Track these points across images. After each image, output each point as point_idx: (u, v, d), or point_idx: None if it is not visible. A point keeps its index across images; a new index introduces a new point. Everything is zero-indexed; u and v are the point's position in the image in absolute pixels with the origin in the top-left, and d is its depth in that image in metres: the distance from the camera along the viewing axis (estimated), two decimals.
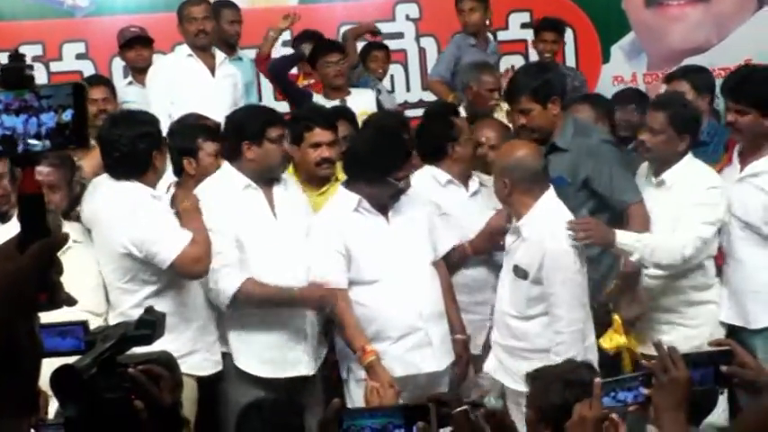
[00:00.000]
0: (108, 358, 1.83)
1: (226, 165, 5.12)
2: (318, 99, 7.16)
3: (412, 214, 5.21)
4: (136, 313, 2.19)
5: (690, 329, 5.22)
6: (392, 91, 8.11)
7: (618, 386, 2.95)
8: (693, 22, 9.19)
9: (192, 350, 4.89)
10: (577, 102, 6.29)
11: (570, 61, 8.85)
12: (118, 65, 8.36)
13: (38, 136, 1.53)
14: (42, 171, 4.69)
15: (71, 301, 1.60)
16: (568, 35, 8.84)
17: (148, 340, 1.93)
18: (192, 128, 5.50)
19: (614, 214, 5.29)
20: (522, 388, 4.82)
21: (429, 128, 5.77)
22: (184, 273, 4.79)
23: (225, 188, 5.03)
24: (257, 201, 5.08)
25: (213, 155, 5.28)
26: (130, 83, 7.58)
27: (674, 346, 3.00)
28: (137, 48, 7.63)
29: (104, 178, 4.93)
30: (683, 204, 5.18)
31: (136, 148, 4.76)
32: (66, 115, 1.53)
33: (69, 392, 1.76)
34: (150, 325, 1.95)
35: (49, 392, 1.78)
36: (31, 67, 1.57)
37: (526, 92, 5.38)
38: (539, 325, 4.94)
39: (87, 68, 8.58)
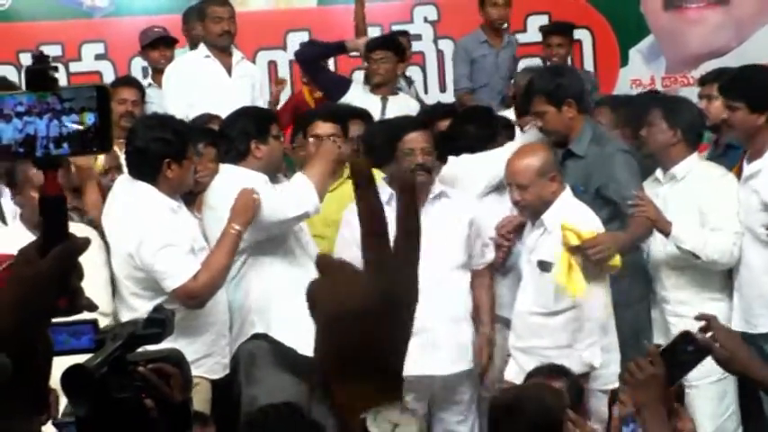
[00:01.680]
0: (118, 357, 1.83)
1: (229, 166, 5.10)
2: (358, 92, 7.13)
3: (447, 216, 5.21)
4: None
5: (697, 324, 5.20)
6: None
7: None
8: (712, 26, 9.16)
9: (208, 353, 4.90)
10: (599, 105, 6.28)
11: (588, 64, 8.84)
12: (137, 66, 8.39)
13: (59, 139, 1.52)
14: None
15: (92, 307, 1.59)
16: (587, 38, 8.84)
17: (158, 339, 1.93)
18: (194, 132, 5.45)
19: (625, 223, 5.28)
20: None
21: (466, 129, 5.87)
22: (180, 303, 4.72)
23: (253, 184, 4.98)
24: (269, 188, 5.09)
25: (214, 160, 5.26)
26: (150, 84, 7.56)
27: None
28: (161, 48, 7.65)
29: (125, 177, 4.94)
30: (695, 196, 5.24)
31: (148, 148, 4.74)
32: (90, 118, 1.52)
33: (80, 392, 1.76)
34: (159, 323, 1.94)
35: (60, 391, 1.78)
36: (56, 69, 1.55)
37: (540, 94, 5.44)
38: (563, 320, 4.95)
39: (106, 69, 8.62)
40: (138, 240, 4.69)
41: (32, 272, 1.52)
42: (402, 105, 6.84)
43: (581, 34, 8.66)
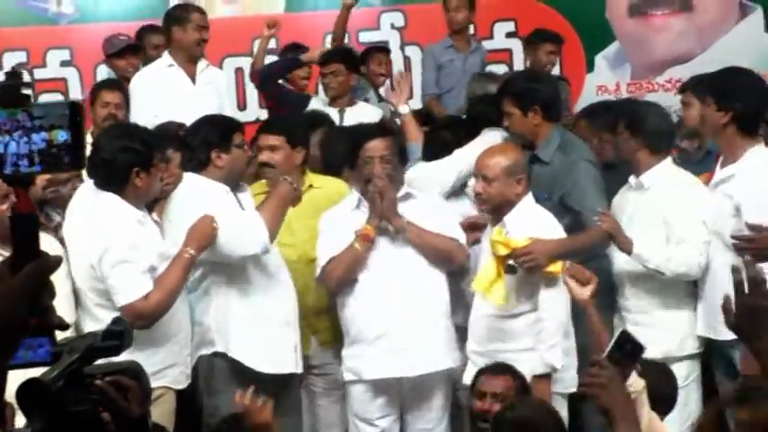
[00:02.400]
0: (75, 370, 1.82)
1: (191, 175, 5.10)
2: (317, 106, 7.19)
3: (415, 214, 5.23)
4: None
5: (661, 332, 5.24)
6: (381, 99, 8.09)
7: None
8: (677, 32, 9.21)
9: (172, 363, 4.88)
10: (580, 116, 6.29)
11: (554, 70, 8.86)
12: (103, 73, 8.33)
13: (30, 156, 1.52)
14: None
15: (63, 326, 1.59)
16: None
17: (116, 351, 1.92)
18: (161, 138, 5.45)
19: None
20: None
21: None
22: (128, 322, 4.69)
23: (209, 195, 5.01)
24: (235, 205, 5.10)
25: (179, 166, 5.24)
26: None
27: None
28: (127, 56, 7.58)
29: (89, 186, 4.91)
30: (662, 206, 5.24)
31: (115, 159, 4.70)
32: (61, 136, 1.52)
33: (36, 406, 1.75)
34: (118, 336, 1.93)
35: (16, 406, 1.78)
36: (29, 85, 1.56)
37: (509, 95, 5.54)
38: (523, 323, 4.98)
39: (72, 76, 8.57)
40: (101, 251, 4.67)
41: (3, 289, 1.51)
42: (360, 115, 6.84)
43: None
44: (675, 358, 5.17)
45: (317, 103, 7.34)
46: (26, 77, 1.62)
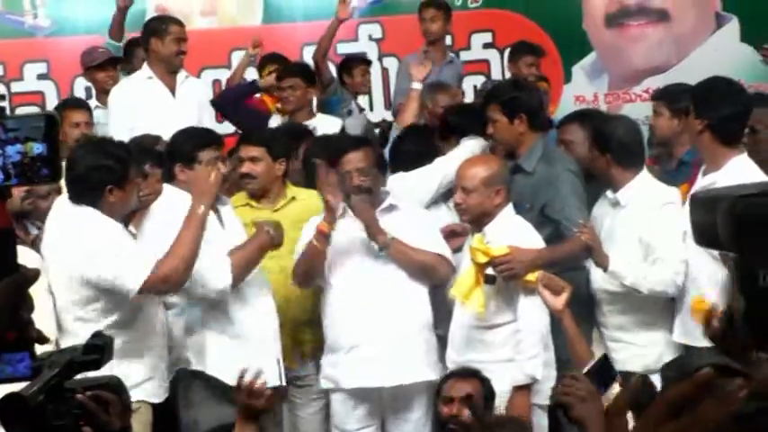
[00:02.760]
0: (55, 385, 1.81)
1: (169, 187, 5.09)
2: (277, 122, 7.22)
3: (398, 228, 5.21)
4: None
5: (640, 348, 5.24)
6: (363, 109, 8.09)
7: None
8: (654, 42, 9.26)
9: (149, 377, 4.85)
10: (567, 122, 6.26)
11: None
12: (80, 86, 8.33)
13: (4, 169, 1.51)
14: None
15: (42, 340, 1.58)
16: None
17: (96, 365, 1.91)
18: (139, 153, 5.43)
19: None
20: None
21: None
22: (156, 294, 4.76)
23: (177, 208, 4.95)
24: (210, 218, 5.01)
25: (159, 180, 5.19)
26: (97, 106, 7.45)
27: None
28: (107, 69, 7.57)
29: (64, 200, 4.89)
30: (638, 224, 5.22)
31: (89, 177, 4.66)
32: (37, 148, 1.50)
33: (16, 420, 1.73)
34: (98, 350, 1.92)
35: None
36: (2, 98, 1.60)
37: (495, 101, 5.55)
38: (503, 334, 4.98)
39: (49, 89, 8.55)
40: (88, 256, 4.62)
41: None
42: (319, 128, 6.83)
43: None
44: (655, 370, 5.17)
45: (277, 119, 7.37)
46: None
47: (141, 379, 4.75)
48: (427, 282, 5.27)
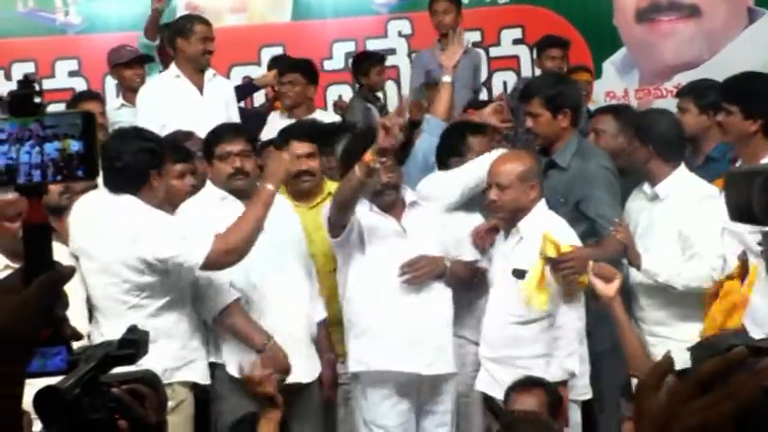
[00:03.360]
0: (91, 378, 1.80)
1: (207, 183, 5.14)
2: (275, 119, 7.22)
3: (423, 223, 5.23)
4: (147, 324, 2.16)
5: (678, 343, 5.18)
6: (384, 107, 8.06)
7: None
8: (685, 38, 9.22)
9: (197, 358, 4.91)
10: (601, 112, 6.24)
11: None
12: (111, 82, 8.35)
13: (42, 166, 1.51)
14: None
15: (77, 337, 1.57)
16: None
17: (132, 359, 1.90)
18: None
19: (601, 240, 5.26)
20: None
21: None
22: (219, 268, 4.77)
23: (202, 201, 5.05)
24: (239, 211, 4.99)
25: (179, 176, 5.21)
26: (123, 105, 7.49)
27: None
28: (134, 67, 7.59)
29: (95, 195, 4.90)
30: (677, 218, 5.19)
31: (133, 163, 4.71)
32: (74, 146, 1.51)
33: (53, 414, 1.73)
34: (133, 344, 1.92)
35: (33, 414, 1.75)
36: (40, 94, 1.54)
37: (539, 96, 5.48)
38: (539, 329, 4.95)
39: (80, 86, 8.58)
40: (144, 238, 4.64)
41: (16, 301, 1.49)
42: None
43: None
44: None
45: (275, 116, 7.36)
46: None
47: (191, 359, 4.84)
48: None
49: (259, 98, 8.46)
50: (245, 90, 7.82)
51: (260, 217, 4.75)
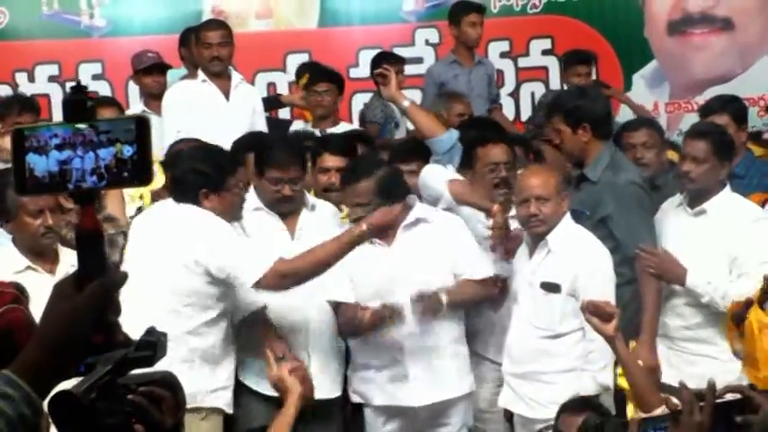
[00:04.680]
0: (108, 381, 1.77)
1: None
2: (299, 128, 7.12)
3: (424, 241, 5.07)
4: (189, 339, 2.11)
5: (722, 363, 5.05)
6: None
7: (649, 425, 2.86)
8: (717, 52, 9.13)
9: (227, 385, 4.82)
10: (634, 127, 6.16)
11: None
12: (134, 87, 8.31)
13: (95, 172, 1.52)
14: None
15: (129, 343, 1.61)
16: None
17: (150, 362, 1.87)
18: None
19: (625, 259, 5.13)
20: (537, 415, 4.76)
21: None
22: (272, 289, 4.66)
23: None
24: (270, 223, 4.97)
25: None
26: (144, 111, 7.43)
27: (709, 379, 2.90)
28: (154, 74, 7.59)
29: (164, 203, 4.90)
30: (726, 237, 5.07)
31: (185, 178, 4.72)
32: (127, 150, 1.51)
33: (68, 418, 1.69)
34: (151, 346, 1.88)
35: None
36: (93, 100, 1.55)
37: (559, 112, 5.44)
38: (569, 342, 4.87)
39: (104, 89, 8.53)
40: (208, 244, 4.60)
41: (69, 306, 1.52)
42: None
43: None
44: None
45: (299, 125, 7.32)
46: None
47: (221, 386, 4.76)
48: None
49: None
50: (269, 103, 7.74)
51: (335, 251, 4.60)
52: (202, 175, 4.69)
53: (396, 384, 5.00)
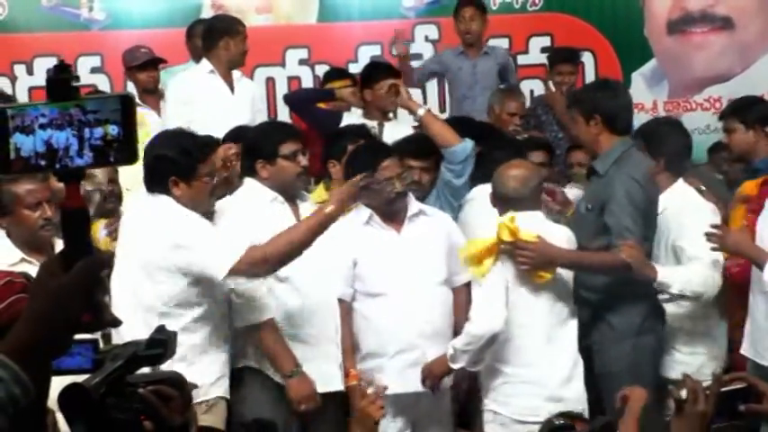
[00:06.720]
0: (117, 378, 1.81)
1: (248, 180, 5.01)
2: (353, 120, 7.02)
3: (428, 231, 5.18)
4: (182, 338, 2.13)
5: (707, 357, 5.15)
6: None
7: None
8: (717, 51, 9.12)
9: (224, 373, 4.81)
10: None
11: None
12: None
13: (81, 151, 1.53)
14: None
15: (116, 322, 1.60)
16: (589, 61, 8.78)
17: (159, 360, 1.92)
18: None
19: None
20: None
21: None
22: (251, 276, 4.63)
23: (251, 202, 4.92)
24: (285, 214, 4.94)
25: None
26: (138, 105, 7.43)
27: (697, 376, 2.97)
28: (148, 69, 7.59)
29: (137, 194, 4.89)
30: (672, 228, 5.32)
31: (154, 166, 4.59)
32: (113, 130, 1.52)
33: (78, 412, 1.72)
34: (161, 344, 1.93)
35: (58, 412, 1.73)
36: (78, 78, 1.56)
37: (576, 103, 5.51)
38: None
39: (102, 82, 8.51)
40: (175, 244, 4.54)
41: (57, 285, 1.51)
42: (396, 131, 6.72)
43: (583, 57, 8.58)
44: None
45: (352, 117, 7.21)
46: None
47: (219, 375, 4.75)
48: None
49: None
50: (321, 95, 7.56)
51: (309, 231, 4.55)
52: (170, 161, 4.59)
53: (412, 370, 5.04)
